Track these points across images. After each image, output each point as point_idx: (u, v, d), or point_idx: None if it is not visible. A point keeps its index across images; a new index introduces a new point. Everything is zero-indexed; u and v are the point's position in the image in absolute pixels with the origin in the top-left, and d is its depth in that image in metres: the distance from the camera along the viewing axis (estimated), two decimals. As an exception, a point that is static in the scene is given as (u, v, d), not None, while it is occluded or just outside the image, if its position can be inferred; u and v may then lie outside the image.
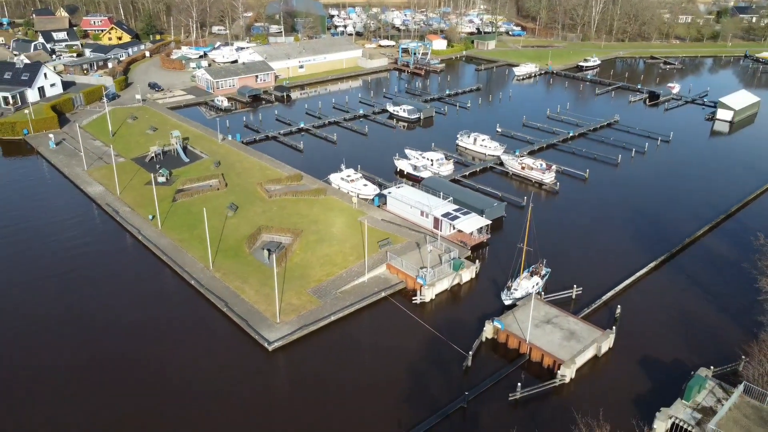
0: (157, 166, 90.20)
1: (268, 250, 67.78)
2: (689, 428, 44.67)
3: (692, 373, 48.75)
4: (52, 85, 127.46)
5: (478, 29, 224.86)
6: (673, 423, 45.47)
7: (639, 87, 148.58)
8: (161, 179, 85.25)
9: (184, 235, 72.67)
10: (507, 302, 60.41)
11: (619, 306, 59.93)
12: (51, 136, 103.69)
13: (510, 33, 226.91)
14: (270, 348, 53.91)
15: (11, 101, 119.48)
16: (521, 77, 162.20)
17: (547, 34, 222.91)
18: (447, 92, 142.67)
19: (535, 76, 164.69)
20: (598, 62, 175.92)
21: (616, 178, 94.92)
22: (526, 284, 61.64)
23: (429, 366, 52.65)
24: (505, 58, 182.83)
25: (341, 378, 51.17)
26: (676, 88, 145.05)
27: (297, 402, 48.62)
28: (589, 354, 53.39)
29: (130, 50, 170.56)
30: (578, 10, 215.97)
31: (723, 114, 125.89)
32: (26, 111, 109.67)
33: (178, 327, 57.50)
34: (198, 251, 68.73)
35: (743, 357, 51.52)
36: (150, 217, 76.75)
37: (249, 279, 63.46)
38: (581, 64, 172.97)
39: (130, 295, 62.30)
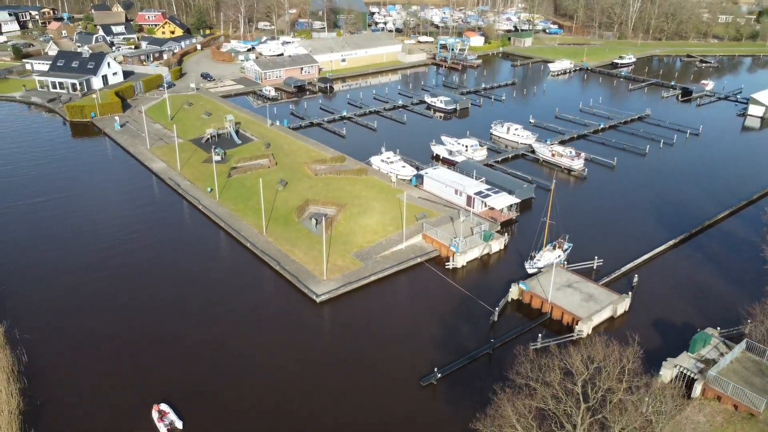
0: (213, 147, 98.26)
1: (315, 220, 74.88)
2: (692, 376, 49.85)
3: (698, 330, 53.79)
4: (114, 73, 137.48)
5: (515, 27, 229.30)
6: (679, 371, 50.73)
7: (672, 84, 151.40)
8: (217, 158, 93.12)
9: (239, 205, 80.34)
10: (530, 271, 65.97)
11: (636, 275, 65.16)
12: (117, 118, 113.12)
13: (547, 31, 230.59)
14: (318, 300, 60.86)
15: (78, 88, 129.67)
16: (556, 73, 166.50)
17: (583, 33, 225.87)
18: (483, 86, 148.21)
19: (569, 72, 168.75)
20: (634, 60, 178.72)
21: (643, 167, 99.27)
22: (549, 256, 67.08)
23: (459, 320, 58.84)
24: (541, 54, 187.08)
25: (380, 327, 57.81)
26: (709, 85, 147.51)
27: (341, 345, 55.42)
28: (605, 314, 58.79)
29: (182, 43, 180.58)
30: (615, 8, 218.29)
31: (755, 110, 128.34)
32: (93, 96, 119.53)
33: (236, 281, 64.93)
34: (252, 219, 76.27)
35: (748, 321, 56.13)
36: (208, 189, 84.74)
37: (298, 244, 70.61)
38: (616, 61, 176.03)
39: (191, 253, 70.25)
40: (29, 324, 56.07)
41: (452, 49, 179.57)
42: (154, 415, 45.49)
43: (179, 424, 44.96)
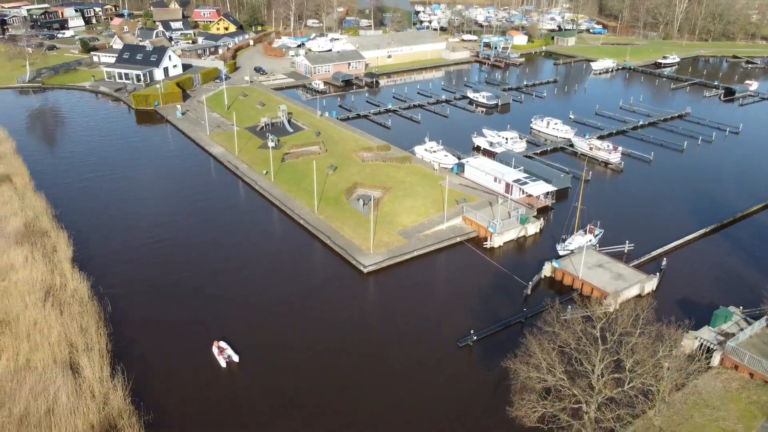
0: (267, 134, 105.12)
1: (363, 201, 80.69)
2: (712, 347, 53.68)
3: (720, 306, 57.41)
4: (174, 66, 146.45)
5: (559, 26, 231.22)
6: (700, 343, 54.57)
7: (715, 83, 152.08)
8: (272, 144, 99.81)
9: (292, 187, 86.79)
10: (561, 253, 70.06)
11: (665, 259, 68.81)
12: (178, 106, 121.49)
13: (591, 31, 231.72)
14: (365, 271, 66.62)
15: (142, 78, 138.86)
16: (598, 72, 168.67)
17: (628, 33, 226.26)
18: (525, 83, 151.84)
19: (612, 71, 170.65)
20: (678, 60, 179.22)
21: (679, 162, 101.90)
22: (580, 240, 71.07)
23: (494, 292, 63.73)
24: (584, 54, 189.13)
25: (421, 295, 63.19)
26: (753, 85, 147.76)
27: (385, 309, 61.03)
28: (633, 291, 62.76)
29: (236, 39, 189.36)
30: (661, 9, 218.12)
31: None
32: (157, 86, 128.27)
33: (290, 252, 71.30)
34: (304, 199, 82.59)
35: (771, 302, 59.34)
36: (264, 172, 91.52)
37: (347, 221, 76.52)
38: (660, 61, 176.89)
39: (249, 225, 77.29)
40: (111, 280, 63.56)
41: (495, 48, 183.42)
42: (215, 350, 52.84)
43: (236, 358, 52.16)
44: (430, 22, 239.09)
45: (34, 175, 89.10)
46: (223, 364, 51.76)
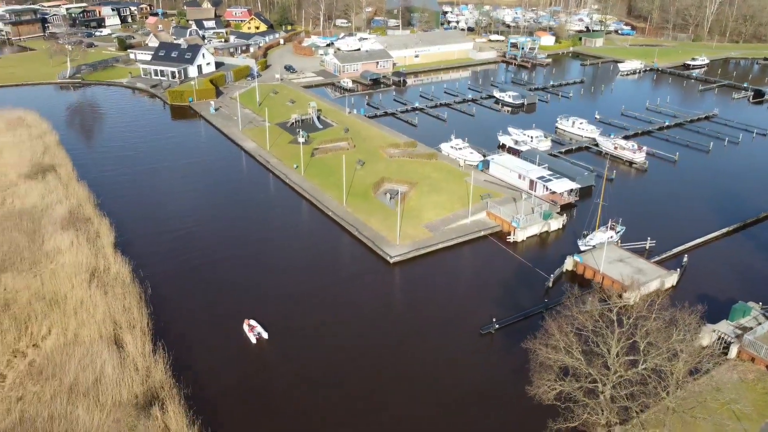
0: (297, 130, 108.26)
1: (390, 195, 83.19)
2: (729, 340, 54.97)
3: (739, 301, 58.59)
4: (208, 63, 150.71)
5: (587, 27, 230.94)
6: (718, 336, 55.87)
7: (745, 85, 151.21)
8: (302, 140, 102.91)
9: (322, 180, 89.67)
10: (582, 249, 71.66)
11: (686, 255, 69.97)
12: (212, 103, 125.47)
13: (619, 32, 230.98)
14: (391, 261, 69.11)
15: (177, 75, 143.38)
16: (625, 73, 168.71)
17: (657, 34, 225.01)
18: (551, 83, 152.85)
19: (639, 72, 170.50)
20: (707, 61, 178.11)
21: (705, 163, 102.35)
22: (601, 236, 72.47)
23: (516, 284, 65.70)
24: (611, 54, 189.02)
25: (445, 285, 65.47)
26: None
27: (410, 298, 63.49)
28: (653, 286, 64.10)
29: (267, 38, 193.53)
30: (691, 10, 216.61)
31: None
32: (192, 82, 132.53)
33: (319, 241, 74.24)
34: (333, 192, 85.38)
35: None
36: (294, 166, 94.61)
37: (374, 214, 79.10)
38: (688, 62, 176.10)
39: (279, 216, 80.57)
40: (150, 264, 67.10)
41: (522, 48, 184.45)
42: (245, 327, 56.37)
43: (265, 335, 55.66)
44: (457, 22, 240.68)
45: (76, 166, 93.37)
46: (254, 340, 55.12)
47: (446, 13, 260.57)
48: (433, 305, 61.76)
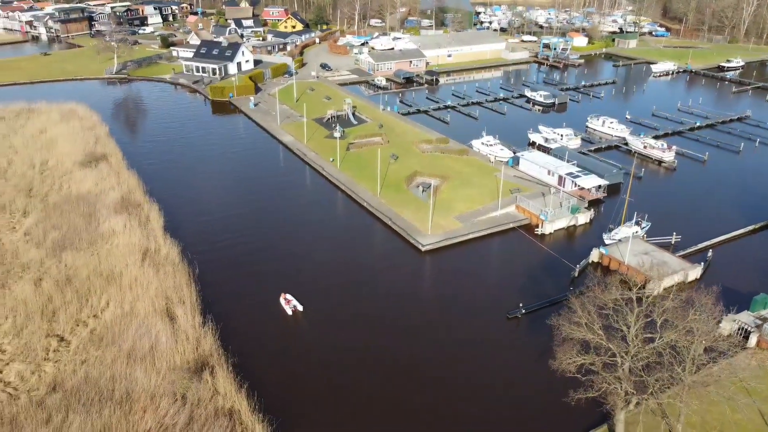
0: (333, 125, 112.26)
1: (422, 187, 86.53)
2: (749, 329, 56.96)
3: (761, 293, 60.43)
4: (247, 61, 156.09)
5: (620, 29, 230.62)
6: (738, 326, 57.87)
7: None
8: (337, 134, 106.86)
9: (357, 173, 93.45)
10: (607, 242, 73.83)
11: (711, 250, 71.77)
12: (251, 98, 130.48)
13: (653, 33, 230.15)
14: (423, 249, 72.49)
15: (218, 72, 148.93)
16: (658, 74, 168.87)
17: (691, 36, 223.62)
18: (583, 83, 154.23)
19: (672, 74, 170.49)
20: (742, 64, 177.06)
21: (735, 163, 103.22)
22: (626, 230, 74.50)
23: (543, 273, 68.44)
24: (645, 56, 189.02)
25: (474, 273, 68.62)
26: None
27: (440, 283, 66.88)
28: (677, 278, 66.17)
29: (303, 37, 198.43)
30: (727, 12, 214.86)
31: None
32: (232, 79, 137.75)
33: (353, 230, 78.07)
34: (368, 184, 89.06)
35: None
36: (330, 159, 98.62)
37: (407, 206, 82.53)
38: (723, 64, 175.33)
39: (315, 205, 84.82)
40: (197, 246, 71.78)
41: (555, 48, 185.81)
42: (282, 301, 61.26)
43: (300, 308, 60.38)
44: (490, 23, 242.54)
45: (125, 156, 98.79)
46: (290, 312, 59.91)
47: (479, 13, 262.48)
48: (462, 290, 64.96)
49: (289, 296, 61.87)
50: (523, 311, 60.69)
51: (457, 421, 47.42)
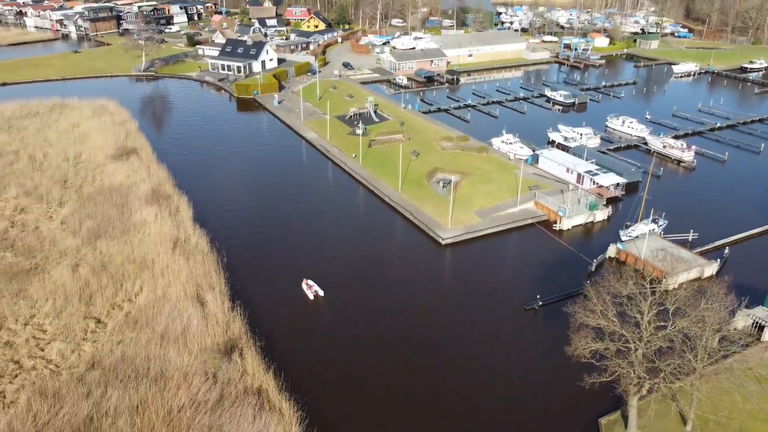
0: (355, 122, 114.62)
1: (443, 183, 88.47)
2: (763, 324, 58.07)
3: (774, 289, 61.46)
4: (271, 59, 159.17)
5: (642, 30, 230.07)
6: (752, 321, 58.99)
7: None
8: (359, 131, 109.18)
9: (378, 169, 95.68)
10: (623, 239, 75.18)
11: (727, 248, 72.74)
12: (275, 96, 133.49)
13: (675, 34, 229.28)
14: (443, 242, 74.47)
15: (242, 70, 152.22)
16: (679, 75, 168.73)
17: (714, 37, 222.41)
18: (603, 83, 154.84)
19: (694, 74, 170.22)
20: (765, 65, 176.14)
21: (755, 164, 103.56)
22: (643, 228, 75.61)
23: (560, 267, 69.99)
24: (666, 57, 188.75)
25: (493, 266, 70.46)
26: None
27: (459, 276, 68.76)
28: (693, 274, 67.33)
29: (325, 36, 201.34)
30: (751, 13, 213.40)
31: None
32: (257, 77, 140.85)
33: (375, 223, 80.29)
34: (389, 180, 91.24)
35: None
36: (353, 155, 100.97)
37: (427, 200, 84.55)
38: (746, 65, 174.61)
39: (338, 200, 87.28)
40: (224, 235, 74.64)
41: (575, 49, 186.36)
42: (304, 286, 64.40)
43: (321, 293, 63.49)
44: (511, 23, 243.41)
45: (154, 150, 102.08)
46: (311, 297, 63.01)
47: (500, 14, 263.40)
48: (481, 282, 66.84)
49: (310, 282, 64.71)
50: (540, 303, 62.38)
51: (474, 403, 49.37)
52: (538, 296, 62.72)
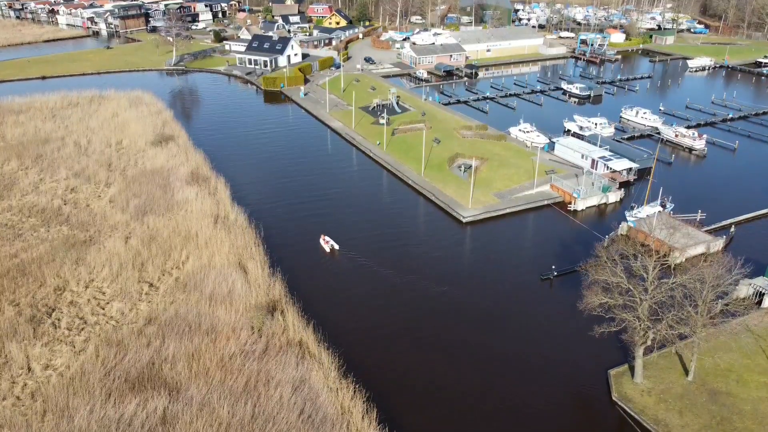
0: (379, 113, 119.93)
1: (463, 167, 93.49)
2: (764, 292, 62.43)
3: (775, 261, 65.73)
4: (295, 54, 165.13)
5: (658, 26, 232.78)
6: (754, 290, 63.37)
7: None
8: (383, 121, 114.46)
9: (402, 155, 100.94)
10: (629, 220, 79.49)
11: (733, 226, 76.99)
12: (302, 88, 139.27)
13: (692, 30, 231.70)
14: (464, 221, 79.57)
15: (269, 64, 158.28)
16: (694, 69, 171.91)
17: (730, 33, 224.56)
18: (619, 77, 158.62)
19: (708, 69, 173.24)
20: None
21: (765, 153, 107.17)
22: (649, 210, 79.71)
23: (574, 243, 74.75)
24: (682, 52, 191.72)
25: (511, 241, 75.42)
26: None
27: (479, 250, 73.81)
28: (699, 249, 71.70)
29: (347, 32, 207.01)
30: (767, 8, 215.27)
31: None
32: (284, 70, 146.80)
33: (399, 204, 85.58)
34: (412, 165, 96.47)
35: (827, 263, 66.74)
36: (377, 143, 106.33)
37: (449, 183, 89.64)
38: (761, 60, 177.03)
39: (363, 182, 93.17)
40: (260, 212, 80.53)
41: (592, 44, 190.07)
42: (321, 241, 72.00)
43: (336, 247, 71.38)
44: (528, 20, 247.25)
45: (190, 137, 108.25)
46: (328, 249, 70.68)
47: (518, 10, 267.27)
48: (500, 256, 71.88)
49: (327, 238, 73.25)
50: (555, 273, 67.23)
51: (491, 356, 54.46)
52: (553, 266, 67.60)
